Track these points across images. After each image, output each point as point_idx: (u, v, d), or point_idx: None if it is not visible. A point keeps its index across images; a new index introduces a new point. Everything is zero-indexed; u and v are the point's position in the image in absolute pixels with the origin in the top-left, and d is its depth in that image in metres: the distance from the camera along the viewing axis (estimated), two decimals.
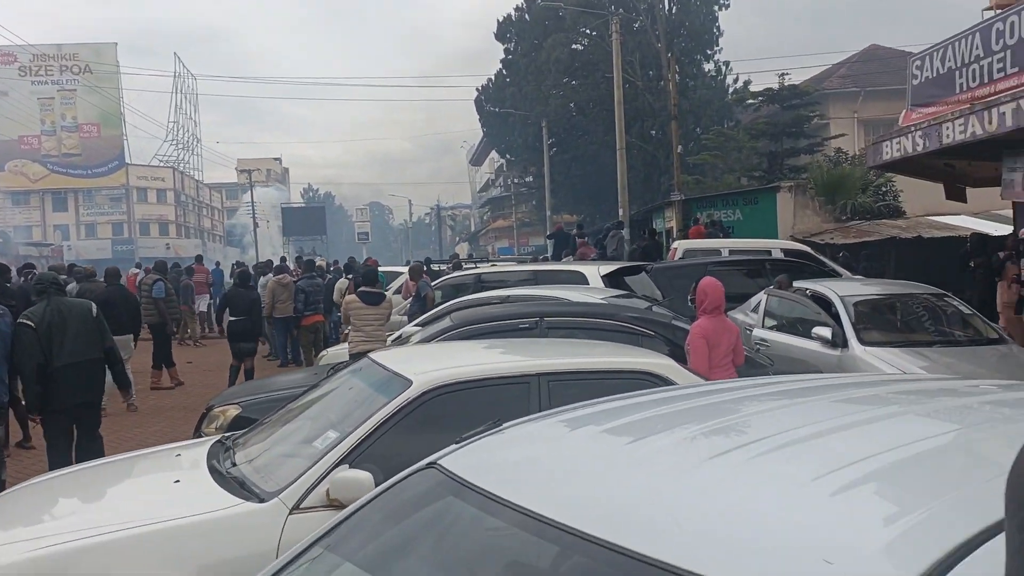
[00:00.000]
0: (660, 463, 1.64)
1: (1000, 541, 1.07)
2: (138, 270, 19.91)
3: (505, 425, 2.02)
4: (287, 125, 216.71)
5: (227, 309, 11.75)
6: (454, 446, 1.94)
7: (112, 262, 16.48)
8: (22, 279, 13.00)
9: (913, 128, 11.72)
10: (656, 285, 10.91)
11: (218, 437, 4.59)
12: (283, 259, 23.79)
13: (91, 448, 6.42)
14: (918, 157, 11.97)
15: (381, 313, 8.53)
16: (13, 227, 58.59)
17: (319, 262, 17.57)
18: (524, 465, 1.81)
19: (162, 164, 71.97)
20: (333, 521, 1.88)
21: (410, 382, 3.80)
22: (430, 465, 1.86)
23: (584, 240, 20.61)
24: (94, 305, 6.73)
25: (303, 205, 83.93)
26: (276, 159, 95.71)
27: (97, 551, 3.26)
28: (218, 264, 26.86)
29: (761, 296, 9.98)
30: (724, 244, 15.76)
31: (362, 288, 8.80)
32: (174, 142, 73.39)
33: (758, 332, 9.42)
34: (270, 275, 14.70)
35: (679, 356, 5.37)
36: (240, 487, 3.62)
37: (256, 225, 56.87)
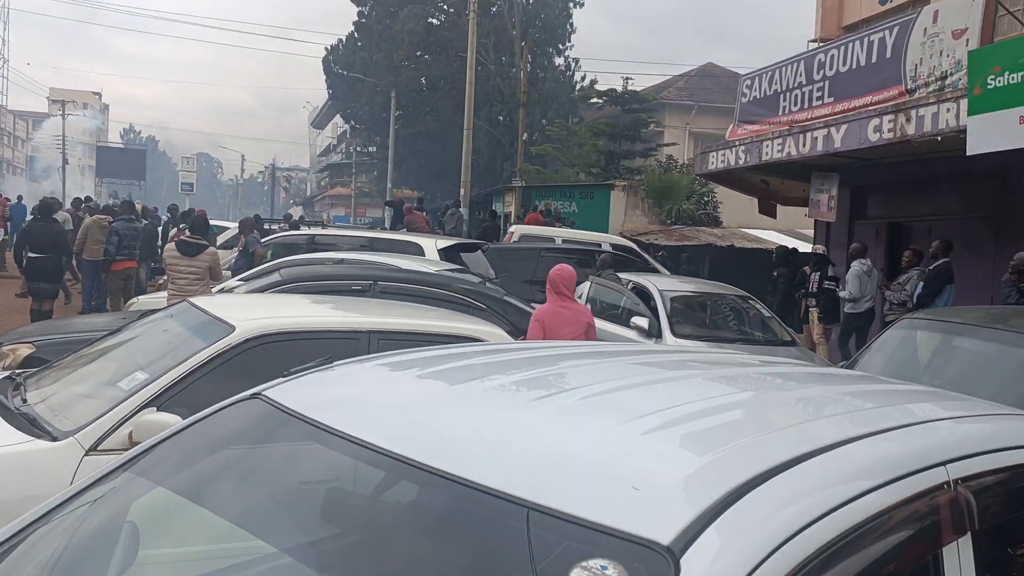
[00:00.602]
0: (482, 403, 1.70)
1: (777, 480, 1.26)
2: None
3: (335, 363, 2.00)
4: (112, 58, 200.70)
5: (27, 245, 10.71)
6: (281, 379, 1.89)
7: None
8: None
9: (737, 143, 12.58)
10: (491, 264, 11.07)
11: (7, 374, 4.21)
12: (87, 198, 21.91)
13: None
14: (739, 170, 12.87)
15: (198, 266, 8.05)
16: None
17: (138, 205, 16.32)
18: (353, 399, 1.80)
19: None
20: (141, 447, 1.78)
21: (232, 328, 3.65)
22: (255, 396, 1.80)
23: (414, 207, 20.51)
24: None
25: (121, 146, 78.07)
26: (96, 93, 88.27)
27: None
28: (20, 198, 24.43)
29: (586, 284, 10.37)
30: (558, 233, 16.25)
31: (181, 237, 8.30)
32: None
33: None
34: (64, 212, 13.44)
35: (509, 332, 5.48)
36: (30, 424, 3.34)
37: (66, 161, 52.33)
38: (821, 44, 12.41)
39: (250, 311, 4.03)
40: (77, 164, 66.13)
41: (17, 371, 4.24)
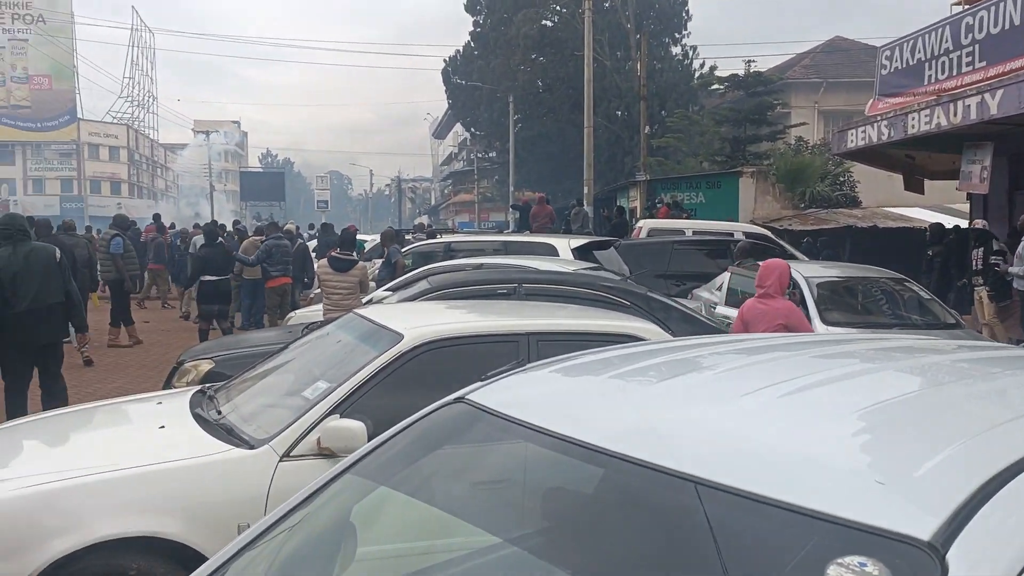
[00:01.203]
0: (690, 398, 1.71)
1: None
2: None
3: (528, 366, 2.07)
4: (247, 88, 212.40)
5: (203, 270, 11.40)
6: (479, 383, 1.98)
7: (61, 219, 16.10)
8: None
9: (879, 118, 11.98)
10: (624, 261, 11.03)
11: (198, 388, 4.55)
12: (236, 221, 23.30)
13: (55, 388, 6.62)
14: (882, 146, 12.25)
15: (350, 281, 8.38)
16: None
17: (288, 226, 17.16)
18: (550, 398, 1.86)
19: (116, 121, 70.02)
20: (361, 452, 1.91)
21: (401, 336, 3.82)
22: (458, 400, 1.89)
23: (543, 199, 20.63)
24: (58, 250, 6.82)
25: (261, 170, 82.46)
26: (235, 122, 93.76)
27: (79, 492, 3.24)
28: (172, 225, 26.34)
29: (725, 275, 10.16)
30: (688, 225, 15.99)
31: (332, 254, 8.68)
32: (129, 99, 71.39)
33: (721, 310, 9.60)
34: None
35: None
36: (228, 434, 3.61)
37: (212, 188, 55.81)
38: (967, 7, 11.65)
39: (415, 319, 4.20)
40: (223, 189, 70.42)
41: (207, 385, 4.57)
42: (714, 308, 9.70)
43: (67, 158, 65.23)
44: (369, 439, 3.40)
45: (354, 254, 8.94)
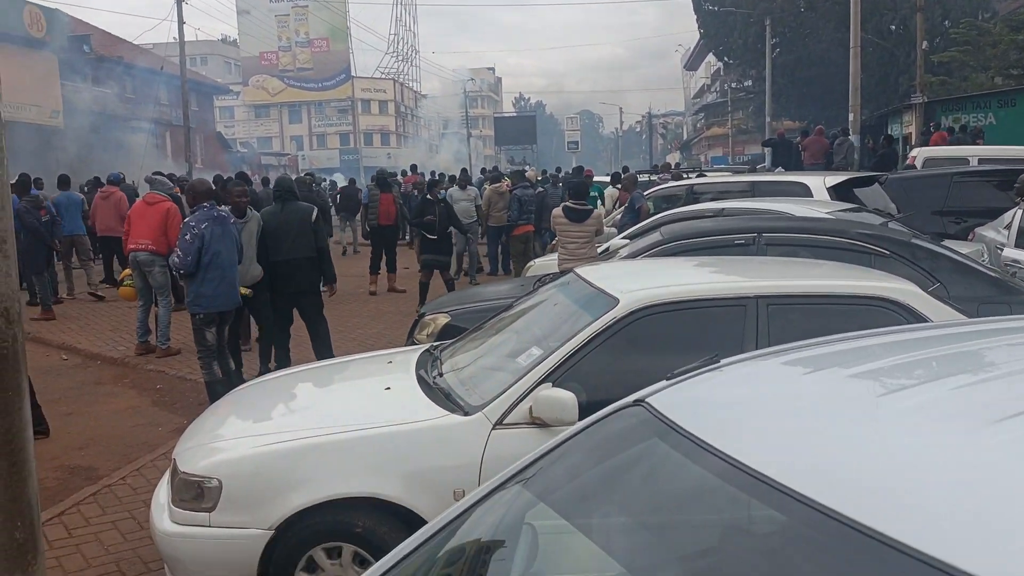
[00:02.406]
0: (919, 424, 1.36)
1: None
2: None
3: (724, 362, 1.80)
4: (501, 34, 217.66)
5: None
6: (664, 382, 1.75)
7: (340, 171, 17.53)
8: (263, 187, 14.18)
9: None
10: (891, 199, 9.91)
11: (427, 346, 4.70)
12: (483, 169, 24.03)
13: (318, 329, 7.55)
14: None
15: (586, 231, 8.19)
16: (256, 138, 64.12)
17: (529, 173, 17.38)
18: (742, 411, 1.59)
19: (383, 76, 75.13)
20: (529, 458, 1.78)
21: (616, 300, 3.63)
22: (637, 402, 1.69)
23: (820, 130, 19.11)
24: (315, 209, 7.68)
25: (514, 114, 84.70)
26: (489, 68, 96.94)
27: (314, 451, 3.45)
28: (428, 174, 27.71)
29: (1016, 211, 8.78)
30: (973, 152, 14.03)
31: (566, 203, 8.53)
32: (394, 54, 76.18)
33: (1009, 252, 8.33)
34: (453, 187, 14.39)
35: (920, 282, 4.78)
36: (446, 399, 3.67)
37: (469, 135, 58.27)
38: None
39: (633, 281, 3.99)
40: (479, 135, 73.44)
41: (435, 344, 4.71)
42: (1001, 250, 8.46)
43: (343, 114, 71.18)
44: (580, 409, 3.30)
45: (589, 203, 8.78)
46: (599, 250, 8.12)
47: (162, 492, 3.75)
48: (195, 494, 3.43)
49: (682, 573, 1.37)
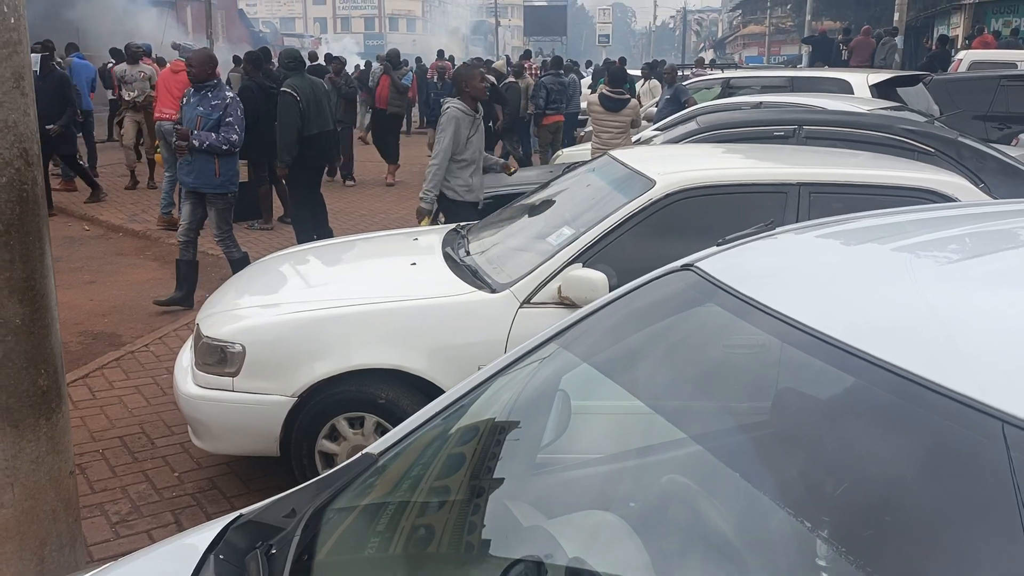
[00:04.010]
0: (973, 287, 1.28)
1: None
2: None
3: (779, 230, 1.70)
4: None
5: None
6: (715, 248, 1.66)
7: (365, 55, 16.78)
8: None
9: None
10: (934, 100, 9.54)
11: (453, 226, 4.60)
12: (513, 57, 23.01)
13: (317, 202, 7.64)
14: None
15: (621, 121, 8.00)
16: (279, 19, 62.53)
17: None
18: (801, 273, 1.50)
19: None
20: (573, 317, 1.70)
21: (653, 182, 3.50)
22: (686, 267, 1.59)
23: (867, 30, 18.42)
24: (325, 84, 8.17)
25: (545, 4, 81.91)
26: None
27: (342, 320, 3.41)
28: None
29: None
30: (1021, 56, 13.43)
31: (602, 91, 8.30)
32: None
33: None
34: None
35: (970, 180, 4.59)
36: (473, 276, 3.60)
37: (498, 23, 56.52)
38: None
39: (671, 164, 3.84)
40: (508, 24, 71.28)
41: (462, 224, 4.61)
42: None
43: None
44: (612, 291, 3.22)
45: (625, 91, 8.50)
46: (633, 140, 7.91)
47: (185, 356, 3.76)
48: (219, 358, 3.42)
49: (740, 432, 1.31)
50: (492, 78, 10.04)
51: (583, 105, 11.81)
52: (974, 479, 0.98)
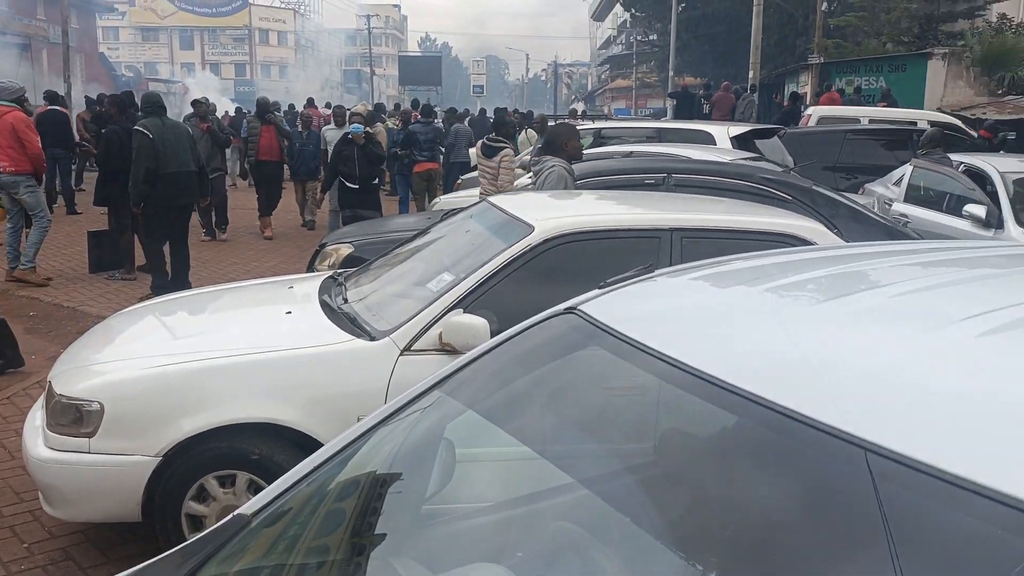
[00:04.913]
0: (857, 323, 1.34)
1: None
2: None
3: (656, 273, 1.73)
4: None
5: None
6: (597, 291, 1.67)
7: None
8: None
9: None
10: (788, 152, 10.18)
11: (331, 273, 4.49)
12: (396, 105, 23.05)
13: (180, 251, 7.60)
14: None
15: (494, 166, 8.15)
16: (143, 63, 60.37)
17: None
18: (679, 315, 1.53)
19: (283, 6, 71.94)
20: (457, 364, 1.66)
21: (532, 228, 3.54)
22: (569, 310, 1.59)
23: (727, 86, 19.50)
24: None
25: (419, 54, 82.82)
26: (395, 6, 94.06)
27: (211, 373, 3.24)
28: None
29: (906, 168, 9.16)
30: (863, 112, 14.59)
31: (484, 139, 8.50)
32: None
33: (898, 206, 8.71)
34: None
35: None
36: (351, 324, 3.50)
37: (373, 72, 56.67)
38: None
39: (549, 210, 3.90)
40: (383, 74, 71.51)
41: (339, 271, 4.51)
42: (889, 205, 8.83)
43: (240, 43, 67.98)
44: (493, 337, 3.21)
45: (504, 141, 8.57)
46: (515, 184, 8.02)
47: (37, 416, 3.47)
48: (73, 418, 3.17)
49: (626, 473, 1.31)
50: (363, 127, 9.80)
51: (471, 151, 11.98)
52: (845, 509, 1.02)
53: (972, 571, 0.85)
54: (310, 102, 19.97)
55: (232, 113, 20.00)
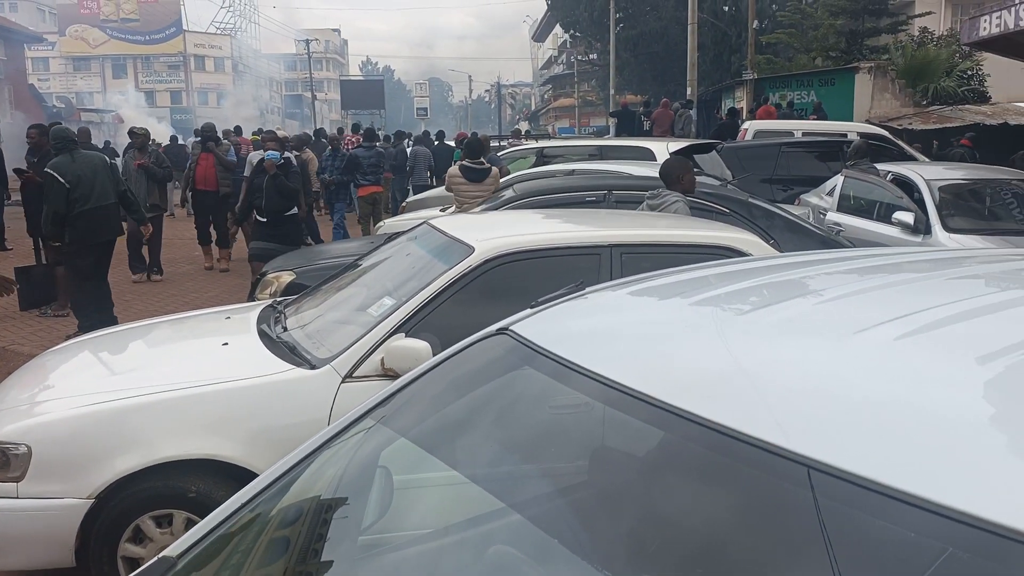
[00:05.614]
0: (764, 337, 1.35)
1: None
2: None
3: (588, 289, 1.73)
4: None
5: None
6: (529, 311, 1.66)
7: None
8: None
9: (1018, 1, 10.64)
10: (726, 165, 10.38)
11: (269, 302, 4.41)
12: (339, 130, 22.88)
13: (102, 286, 7.40)
14: (1019, 35, 10.93)
15: (484, 190, 7.76)
16: (75, 93, 59.04)
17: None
18: (612, 332, 1.52)
19: (219, 32, 71.11)
20: (388, 390, 1.63)
21: (472, 249, 3.52)
22: (501, 331, 1.58)
23: (666, 103, 19.76)
24: (107, 157, 7.90)
25: (361, 78, 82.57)
26: (335, 30, 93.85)
27: (144, 410, 3.15)
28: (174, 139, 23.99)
29: (838, 178, 9.42)
30: (797, 126, 14.97)
31: (464, 162, 8.12)
32: (231, 9, 72.24)
33: (832, 216, 8.94)
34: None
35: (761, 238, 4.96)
36: (291, 353, 3.44)
37: (314, 97, 56.30)
38: None
39: (489, 231, 3.89)
40: (324, 99, 71.08)
41: (278, 299, 4.43)
42: (824, 215, 9.05)
43: (175, 70, 66.96)
44: None
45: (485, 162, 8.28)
46: (448, 212, 7.97)
47: None
48: (0, 462, 3.04)
49: (561, 495, 1.29)
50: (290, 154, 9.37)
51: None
52: (785, 526, 1.01)
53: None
54: (237, 130, 18.87)
55: (167, 142, 19.49)
